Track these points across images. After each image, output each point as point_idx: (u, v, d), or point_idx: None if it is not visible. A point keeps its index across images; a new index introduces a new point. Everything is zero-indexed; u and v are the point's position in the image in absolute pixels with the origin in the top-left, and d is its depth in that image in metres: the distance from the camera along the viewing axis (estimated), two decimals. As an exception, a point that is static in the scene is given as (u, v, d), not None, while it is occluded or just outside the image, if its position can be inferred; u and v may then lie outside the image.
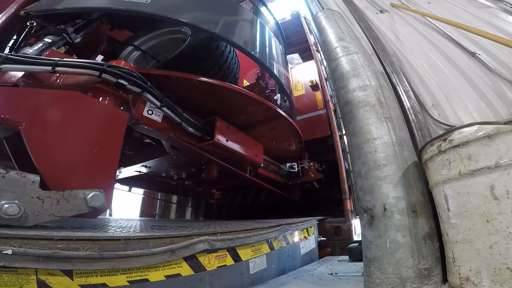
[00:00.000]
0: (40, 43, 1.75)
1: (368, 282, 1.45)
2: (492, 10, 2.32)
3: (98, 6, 1.98)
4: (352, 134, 1.76)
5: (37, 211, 1.07)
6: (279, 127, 2.76)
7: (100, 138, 1.37)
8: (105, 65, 1.48)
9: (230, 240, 1.44)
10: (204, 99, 2.11)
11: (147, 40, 2.74)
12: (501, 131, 1.05)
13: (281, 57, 3.00)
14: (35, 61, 1.38)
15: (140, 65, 2.60)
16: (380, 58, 2.37)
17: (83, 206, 1.18)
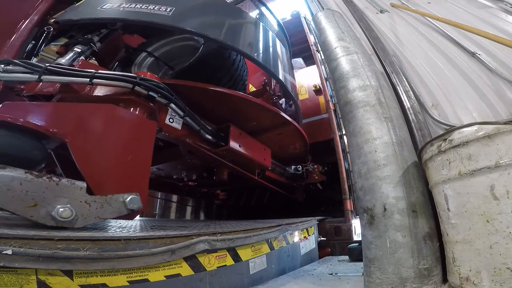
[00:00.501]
0: (70, 52, 1.83)
1: (368, 282, 1.45)
2: (492, 10, 2.32)
3: (125, 18, 2.07)
4: (352, 134, 1.76)
5: (85, 214, 1.19)
6: (286, 132, 2.87)
7: (134, 146, 1.48)
8: (137, 78, 1.56)
9: (230, 240, 1.44)
10: (218, 107, 2.23)
11: (159, 47, 2.84)
12: (501, 131, 1.05)
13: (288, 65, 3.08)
14: (73, 73, 1.48)
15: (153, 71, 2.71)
16: (380, 58, 2.37)
17: (123, 209, 1.29)
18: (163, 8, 2.04)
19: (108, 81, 1.51)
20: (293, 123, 2.77)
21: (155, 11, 2.02)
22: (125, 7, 2.03)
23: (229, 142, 2.27)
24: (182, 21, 2.04)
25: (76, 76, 1.48)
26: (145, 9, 2.02)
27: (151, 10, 2.02)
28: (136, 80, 1.54)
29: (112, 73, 1.55)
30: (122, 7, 2.04)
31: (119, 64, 2.75)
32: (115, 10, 2.03)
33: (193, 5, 2.25)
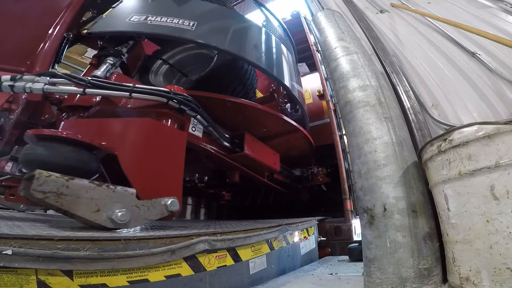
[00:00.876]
0: (104, 65, 1.94)
1: (368, 282, 1.45)
2: (492, 10, 2.32)
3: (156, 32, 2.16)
4: (352, 134, 1.76)
5: (136, 217, 1.35)
6: (294, 138, 3.05)
7: (170, 155, 1.63)
8: (171, 92, 1.68)
9: (230, 240, 1.44)
10: (234, 115, 2.40)
11: (174, 55, 2.98)
12: (501, 131, 1.05)
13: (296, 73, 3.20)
14: (114, 87, 1.60)
15: (168, 78, 2.85)
16: (380, 58, 2.37)
17: (164, 211, 1.45)
18: (187, 22, 2.14)
19: (145, 95, 1.63)
20: (301, 130, 2.94)
21: (180, 25, 2.11)
22: (152, 21, 2.11)
23: (244, 149, 2.44)
24: (204, 36, 2.17)
25: (117, 90, 1.60)
26: (171, 23, 2.11)
27: (176, 24, 2.11)
28: (170, 95, 1.66)
29: (148, 87, 1.66)
30: (149, 20, 2.11)
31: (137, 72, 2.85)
32: (143, 23, 2.10)
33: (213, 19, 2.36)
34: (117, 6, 2.30)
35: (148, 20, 2.11)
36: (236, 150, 2.46)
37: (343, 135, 3.43)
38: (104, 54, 2.03)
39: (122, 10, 2.26)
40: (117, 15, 2.21)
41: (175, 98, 1.68)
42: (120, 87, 1.60)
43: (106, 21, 2.16)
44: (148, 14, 2.15)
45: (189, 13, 2.26)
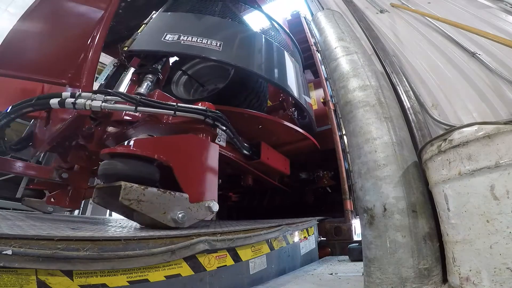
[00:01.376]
0: (145, 82, 2.14)
1: (368, 282, 1.45)
2: (492, 10, 2.32)
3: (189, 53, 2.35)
4: (352, 134, 1.76)
5: (189, 217, 1.60)
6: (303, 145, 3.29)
7: (208, 164, 1.88)
8: (207, 111, 1.91)
9: (230, 241, 1.44)
10: (251, 126, 2.65)
11: (192, 66, 3.18)
12: (501, 131, 1.05)
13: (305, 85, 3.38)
14: (161, 106, 1.81)
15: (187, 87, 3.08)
16: (380, 58, 2.37)
17: (207, 212, 1.72)
18: (214, 42, 2.33)
19: (187, 114, 1.87)
20: (310, 138, 3.19)
21: (209, 45, 2.30)
22: (185, 41, 2.28)
23: (261, 156, 2.71)
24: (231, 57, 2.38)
25: (164, 108, 1.81)
26: (201, 44, 2.30)
27: (205, 44, 2.31)
28: (206, 113, 1.90)
29: (189, 106, 1.89)
30: (181, 40, 2.28)
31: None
32: (177, 43, 2.27)
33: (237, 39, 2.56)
34: (149, 23, 2.46)
35: (181, 40, 2.28)
36: (253, 157, 2.71)
37: (343, 135, 3.44)
38: (144, 72, 2.23)
39: (155, 28, 2.41)
40: (152, 33, 2.36)
41: (211, 115, 1.92)
42: (166, 105, 1.81)
43: (143, 39, 2.30)
44: (180, 33, 2.31)
45: (215, 33, 2.45)
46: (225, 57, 2.31)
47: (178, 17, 2.57)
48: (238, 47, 2.49)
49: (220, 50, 2.30)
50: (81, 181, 2.73)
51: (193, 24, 2.50)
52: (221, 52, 2.29)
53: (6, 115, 2.09)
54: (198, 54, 2.29)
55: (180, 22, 2.49)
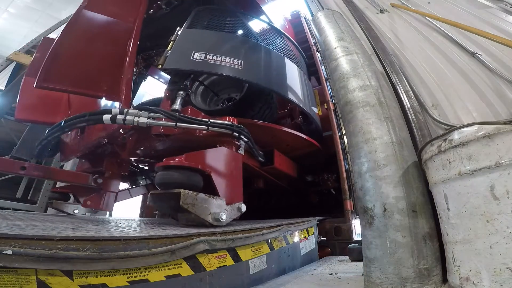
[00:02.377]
0: (178, 98, 2.34)
1: (368, 282, 1.45)
2: (492, 10, 2.33)
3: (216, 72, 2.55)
4: (352, 134, 1.76)
5: (226, 217, 1.88)
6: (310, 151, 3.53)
7: (235, 171, 2.20)
8: (234, 126, 2.19)
9: (230, 241, 1.44)
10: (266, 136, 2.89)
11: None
12: (501, 131, 1.05)
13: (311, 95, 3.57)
14: (196, 122, 2.08)
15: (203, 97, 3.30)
16: (380, 58, 2.37)
17: (238, 212, 2.07)
18: (236, 61, 2.53)
19: (217, 128, 2.14)
20: (316, 145, 3.39)
21: (232, 64, 2.50)
22: (211, 59, 2.46)
23: (274, 163, 2.99)
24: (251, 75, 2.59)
25: (199, 124, 2.08)
26: (225, 63, 2.49)
27: (229, 64, 2.50)
28: (233, 127, 2.18)
29: (219, 122, 2.16)
30: (208, 59, 2.45)
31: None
32: (204, 62, 2.44)
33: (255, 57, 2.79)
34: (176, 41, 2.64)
35: (207, 58, 2.45)
36: (267, 163, 2.99)
37: (343, 135, 3.44)
38: (176, 89, 2.44)
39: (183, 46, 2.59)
40: (181, 52, 2.54)
41: (236, 129, 2.19)
42: (200, 121, 2.09)
43: (174, 58, 2.48)
44: (206, 52, 2.48)
45: (236, 51, 2.66)
46: (246, 76, 2.54)
47: (202, 35, 2.75)
48: (256, 65, 2.71)
49: (241, 69, 2.52)
50: (112, 186, 3.01)
51: (216, 42, 2.69)
52: (242, 71, 2.52)
53: (60, 128, 2.29)
54: (223, 73, 2.49)
55: (204, 40, 2.69)
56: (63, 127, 2.24)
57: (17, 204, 4.40)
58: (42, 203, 4.56)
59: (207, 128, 2.08)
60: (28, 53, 5.25)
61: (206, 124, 2.07)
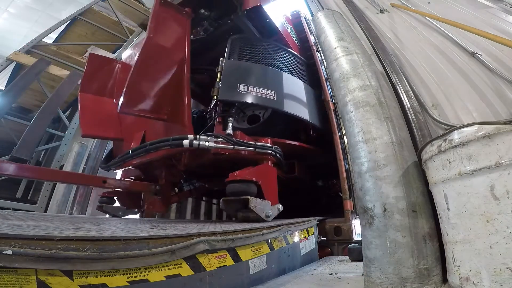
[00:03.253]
0: (229, 123, 2.80)
1: (368, 282, 1.45)
2: (492, 10, 2.33)
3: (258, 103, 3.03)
4: (352, 134, 1.76)
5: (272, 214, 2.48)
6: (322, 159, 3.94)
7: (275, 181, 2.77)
8: (273, 148, 2.75)
9: (230, 241, 1.44)
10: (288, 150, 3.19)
11: None
12: (501, 131, 1.05)
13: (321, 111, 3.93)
14: (247, 144, 2.63)
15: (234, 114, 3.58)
16: (380, 58, 2.38)
17: (278, 211, 2.61)
18: (270, 93, 3.02)
19: (262, 150, 2.69)
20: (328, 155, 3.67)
21: (268, 95, 3.00)
22: (253, 91, 2.95)
23: (296, 172, 3.50)
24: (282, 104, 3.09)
25: (249, 146, 2.62)
26: (263, 94, 2.98)
27: (266, 95, 2.99)
28: (273, 148, 2.74)
29: (264, 145, 2.71)
30: (251, 91, 2.94)
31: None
32: (248, 94, 2.92)
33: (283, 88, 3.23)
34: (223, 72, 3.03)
35: (250, 91, 2.93)
36: (290, 173, 3.48)
37: (343, 135, 3.44)
38: (227, 116, 2.93)
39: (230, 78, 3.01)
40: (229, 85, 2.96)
41: (275, 150, 2.75)
42: (250, 144, 2.63)
43: (225, 90, 2.93)
44: (248, 84, 2.95)
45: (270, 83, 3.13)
46: (279, 106, 3.05)
47: (242, 67, 3.22)
48: (285, 95, 3.20)
49: (275, 99, 3.01)
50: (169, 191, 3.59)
51: (253, 74, 3.15)
52: (275, 101, 3.02)
53: (146, 150, 2.68)
54: (262, 104, 3.01)
55: (244, 72, 3.14)
56: (148, 148, 2.65)
57: (17, 204, 4.40)
58: (42, 203, 4.56)
59: (254, 150, 2.64)
60: (28, 53, 5.26)
61: (254, 146, 2.64)
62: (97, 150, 5.30)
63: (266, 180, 2.60)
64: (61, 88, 5.07)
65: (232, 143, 2.51)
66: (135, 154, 2.83)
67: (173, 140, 2.48)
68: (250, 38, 3.75)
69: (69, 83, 5.19)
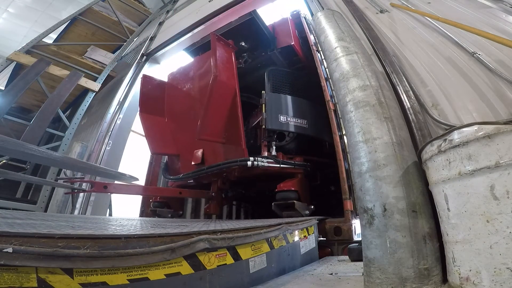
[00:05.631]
0: (273, 148, 3.47)
1: (368, 282, 1.45)
2: (492, 10, 2.33)
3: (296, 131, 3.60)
4: (352, 134, 1.76)
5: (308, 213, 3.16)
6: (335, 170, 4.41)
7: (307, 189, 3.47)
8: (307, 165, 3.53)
9: (230, 239, 1.44)
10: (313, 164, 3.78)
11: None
12: (501, 131, 1.05)
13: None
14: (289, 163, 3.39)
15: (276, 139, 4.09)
16: (380, 58, 2.38)
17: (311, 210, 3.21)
18: (304, 121, 3.62)
19: (299, 167, 3.45)
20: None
21: (302, 124, 3.60)
22: (291, 121, 3.54)
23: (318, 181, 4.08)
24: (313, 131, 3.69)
25: (290, 164, 3.38)
26: (299, 123, 3.59)
27: (301, 124, 3.60)
28: (306, 165, 3.50)
29: (300, 163, 3.49)
30: (289, 121, 3.53)
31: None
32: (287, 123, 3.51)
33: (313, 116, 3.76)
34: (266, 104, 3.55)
35: (288, 121, 3.51)
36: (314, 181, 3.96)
37: (343, 135, 3.44)
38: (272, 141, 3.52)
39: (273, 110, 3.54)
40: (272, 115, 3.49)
41: (307, 166, 3.51)
42: (290, 163, 3.38)
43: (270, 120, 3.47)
44: (286, 115, 3.54)
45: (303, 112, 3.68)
46: (310, 132, 3.63)
47: (281, 99, 3.71)
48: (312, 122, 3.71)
49: (307, 127, 3.60)
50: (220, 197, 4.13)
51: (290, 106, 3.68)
52: (307, 129, 3.61)
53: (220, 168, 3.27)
54: (299, 132, 3.57)
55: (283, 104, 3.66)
56: (222, 167, 3.25)
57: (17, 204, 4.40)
58: (42, 203, 4.56)
59: (294, 167, 3.38)
60: (28, 53, 5.26)
61: (293, 164, 3.39)
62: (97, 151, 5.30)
63: (302, 188, 3.28)
64: (61, 88, 5.07)
65: (278, 163, 3.28)
66: (210, 170, 3.43)
67: (240, 161, 3.14)
68: (282, 70, 4.21)
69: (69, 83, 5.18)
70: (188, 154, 4.01)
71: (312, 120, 3.74)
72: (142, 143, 6.60)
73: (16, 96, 4.81)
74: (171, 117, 4.34)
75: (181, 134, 4.15)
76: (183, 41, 6.30)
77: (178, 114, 4.30)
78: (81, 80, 5.35)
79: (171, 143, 4.25)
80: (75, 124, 5.27)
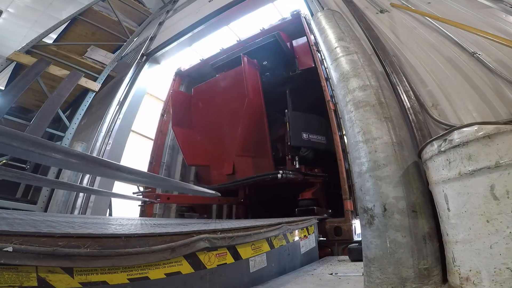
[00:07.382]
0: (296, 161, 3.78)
1: (368, 282, 1.45)
2: (492, 10, 2.33)
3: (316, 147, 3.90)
4: (352, 134, 1.76)
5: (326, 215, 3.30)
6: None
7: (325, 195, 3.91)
8: (326, 175, 3.96)
9: (230, 238, 1.44)
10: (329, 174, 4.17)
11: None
12: (501, 131, 1.05)
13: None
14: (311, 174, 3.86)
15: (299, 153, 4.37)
16: (380, 58, 2.38)
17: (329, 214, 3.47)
18: (322, 138, 3.90)
19: (318, 178, 3.94)
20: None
21: (321, 140, 3.90)
22: (312, 138, 3.84)
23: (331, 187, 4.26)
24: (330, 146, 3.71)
25: (311, 175, 3.86)
26: (318, 140, 3.89)
27: (320, 140, 3.90)
28: (325, 175, 3.97)
29: (319, 174, 3.94)
30: (311, 138, 3.83)
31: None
32: (308, 140, 3.81)
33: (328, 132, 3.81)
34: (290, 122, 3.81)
35: (310, 138, 3.82)
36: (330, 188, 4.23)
37: (343, 135, 3.44)
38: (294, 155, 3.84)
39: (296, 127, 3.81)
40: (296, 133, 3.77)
41: (326, 176, 3.96)
42: (312, 174, 3.85)
43: (294, 137, 3.74)
44: (308, 133, 3.83)
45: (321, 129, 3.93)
46: (329, 148, 3.75)
47: (302, 118, 4.00)
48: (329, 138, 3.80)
49: (325, 143, 3.87)
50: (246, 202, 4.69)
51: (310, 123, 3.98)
52: (326, 144, 3.86)
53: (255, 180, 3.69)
54: (319, 148, 3.87)
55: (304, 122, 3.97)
56: (257, 179, 3.66)
57: (17, 204, 4.39)
58: (42, 203, 4.55)
59: (315, 177, 3.86)
60: (28, 53, 5.25)
61: (315, 175, 3.86)
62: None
63: (320, 196, 3.76)
64: (61, 88, 5.06)
65: (302, 174, 3.75)
66: (247, 181, 3.83)
67: (272, 174, 3.52)
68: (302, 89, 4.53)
69: (69, 83, 5.18)
70: (218, 165, 4.46)
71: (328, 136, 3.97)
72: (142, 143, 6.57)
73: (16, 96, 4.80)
74: (198, 129, 4.75)
75: (211, 146, 4.57)
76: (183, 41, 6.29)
77: (207, 127, 4.68)
78: (81, 80, 5.34)
79: (203, 155, 4.65)
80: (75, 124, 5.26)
